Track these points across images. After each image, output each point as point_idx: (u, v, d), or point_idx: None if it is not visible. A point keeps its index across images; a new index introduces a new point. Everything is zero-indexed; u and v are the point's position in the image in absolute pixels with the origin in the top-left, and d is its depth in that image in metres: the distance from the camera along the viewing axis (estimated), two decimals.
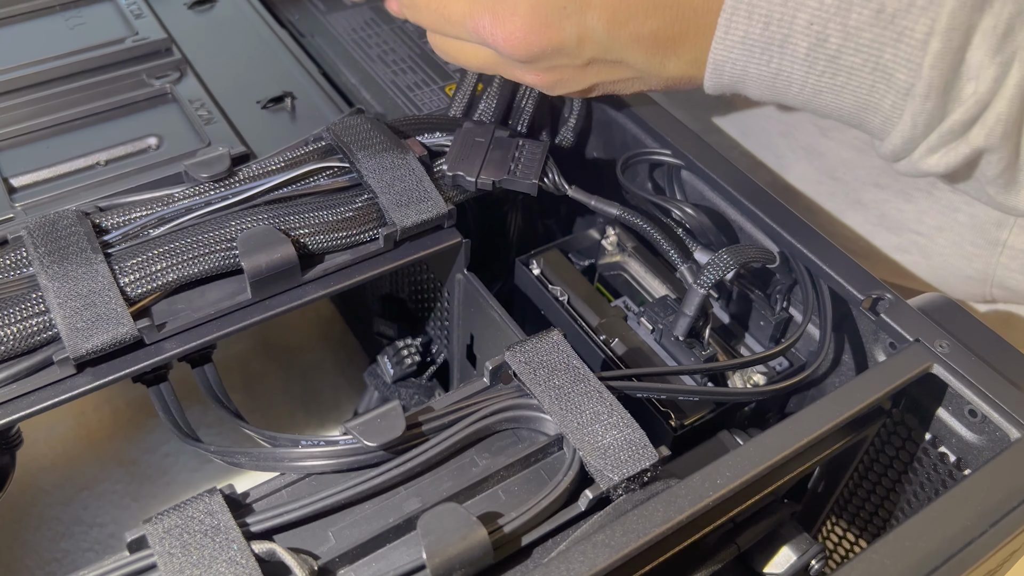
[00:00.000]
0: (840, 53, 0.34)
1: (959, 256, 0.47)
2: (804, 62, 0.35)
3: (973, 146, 0.34)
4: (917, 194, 0.47)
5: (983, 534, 0.31)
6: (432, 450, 0.32)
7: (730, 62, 0.36)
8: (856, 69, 0.34)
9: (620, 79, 0.41)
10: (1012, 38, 0.32)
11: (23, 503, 0.57)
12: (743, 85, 0.38)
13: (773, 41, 0.35)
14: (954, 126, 0.34)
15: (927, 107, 0.33)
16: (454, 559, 0.28)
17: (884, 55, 0.33)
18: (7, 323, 0.34)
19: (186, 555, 0.29)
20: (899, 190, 0.48)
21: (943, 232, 0.47)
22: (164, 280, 0.37)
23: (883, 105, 0.35)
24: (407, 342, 0.52)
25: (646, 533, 0.30)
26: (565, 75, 0.40)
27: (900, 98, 0.34)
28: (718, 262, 0.39)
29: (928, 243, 0.48)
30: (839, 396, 0.35)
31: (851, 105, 0.36)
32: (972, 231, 0.46)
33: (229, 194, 0.40)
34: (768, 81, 0.36)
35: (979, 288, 0.48)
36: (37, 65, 0.48)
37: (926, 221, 0.48)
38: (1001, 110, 0.33)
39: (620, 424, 0.33)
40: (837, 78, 0.35)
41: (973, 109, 0.33)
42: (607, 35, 0.37)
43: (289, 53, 0.52)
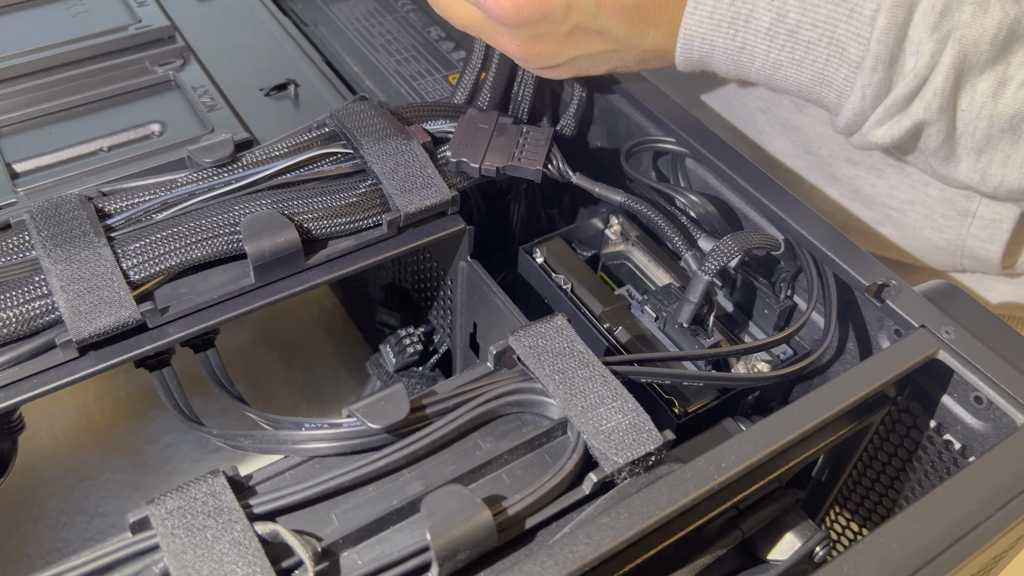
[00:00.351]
0: (798, 28, 0.37)
1: (930, 228, 0.50)
2: (766, 36, 0.38)
3: (914, 119, 0.36)
4: (888, 169, 0.49)
5: (989, 518, 0.30)
6: (436, 433, 0.32)
7: (699, 37, 0.39)
8: (813, 43, 0.37)
9: (598, 51, 0.42)
10: (948, 17, 0.34)
11: (24, 492, 0.57)
12: (711, 59, 0.40)
13: (739, 16, 0.37)
14: (897, 99, 0.36)
15: (874, 79, 0.36)
16: (458, 540, 0.28)
17: (838, 30, 0.36)
18: (9, 306, 0.34)
19: (189, 536, 0.28)
20: (871, 166, 0.50)
21: (914, 205, 0.50)
22: (167, 264, 0.36)
23: (836, 79, 0.37)
24: (409, 331, 0.52)
25: (651, 516, 0.30)
26: (546, 45, 0.41)
27: (851, 71, 0.37)
28: (722, 248, 0.39)
29: (900, 216, 0.51)
30: (844, 382, 0.34)
31: (808, 79, 0.38)
32: (943, 203, 0.48)
33: (232, 179, 0.39)
34: (734, 55, 0.39)
35: (950, 259, 0.50)
36: (40, 52, 0.48)
37: (897, 195, 0.50)
38: (938, 85, 0.35)
39: (624, 408, 0.33)
40: (796, 52, 0.38)
41: (913, 83, 0.36)
42: (594, 3, 0.39)
43: (292, 41, 0.52)
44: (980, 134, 0.36)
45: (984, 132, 0.36)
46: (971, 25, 0.34)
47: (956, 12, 0.34)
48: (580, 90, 0.50)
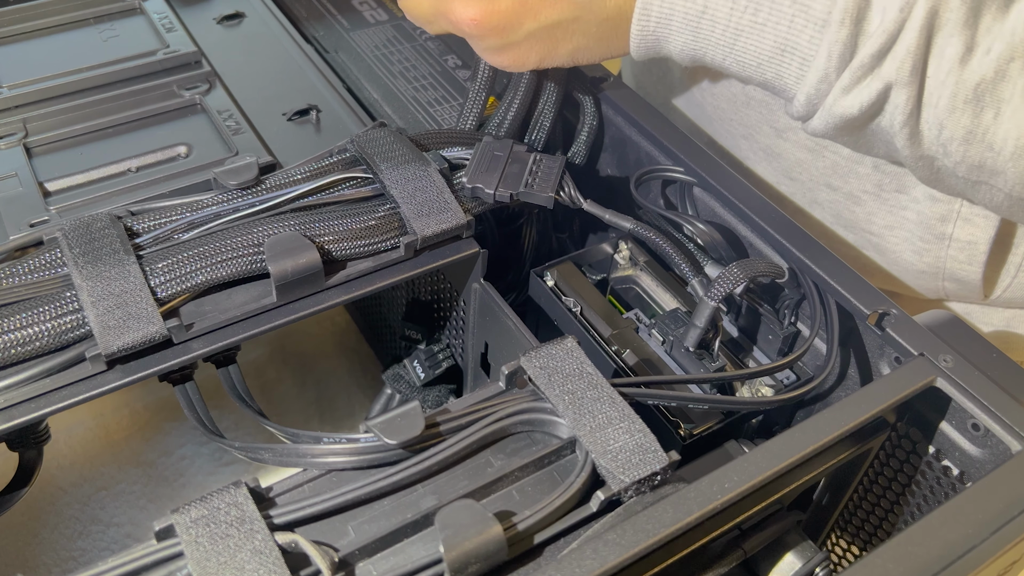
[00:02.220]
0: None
1: (910, 252, 0.49)
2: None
3: (884, 79, 0.35)
4: (865, 196, 0.49)
5: (984, 541, 0.31)
6: (449, 450, 0.33)
7: (656, 3, 0.38)
8: (777, 2, 0.36)
9: (556, 21, 0.41)
10: None
11: (42, 501, 0.58)
12: (668, 28, 0.39)
13: None
14: (864, 60, 0.35)
15: (842, 35, 0.35)
16: (470, 553, 0.29)
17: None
18: (42, 320, 0.36)
19: (212, 544, 0.30)
20: (848, 192, 0.50)
21: (893, 230, 0.49)
22: (193, 282, 0.38)
23: (800, 41, 0.36)
24: (440, 346, 0.53)
25: (656, 533, 0.31)
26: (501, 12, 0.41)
27: (817, 30, 0.35)
28: (728, 275, 0.41)
29: (880, 241, 0.50)
30: (844, 407, 0.36)
31: (770, 45, 0.37)
32: (920, 227, 0.48)
33: (256, 201, 0.41)
34: (693, 21, 0.38)
35: (932, 282, 0.50)
36: (72, 75, 0.50)
37: (876, 221, 0.50)
38: (910, 42, 0.34)
39: (632, 429, 0.34)
40: (759, 14, 0.36)
41: (881, 39, 0.34)
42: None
43: (314, 68, 0.54)
44: (944, 104, 0.35)
45: (948, 102, 0.35)
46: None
47: None
48: (591, 119, 0.52)
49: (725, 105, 0.54)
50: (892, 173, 0.48)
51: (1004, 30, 0.33)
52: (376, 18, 0.61)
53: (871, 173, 0.49)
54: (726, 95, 0.53)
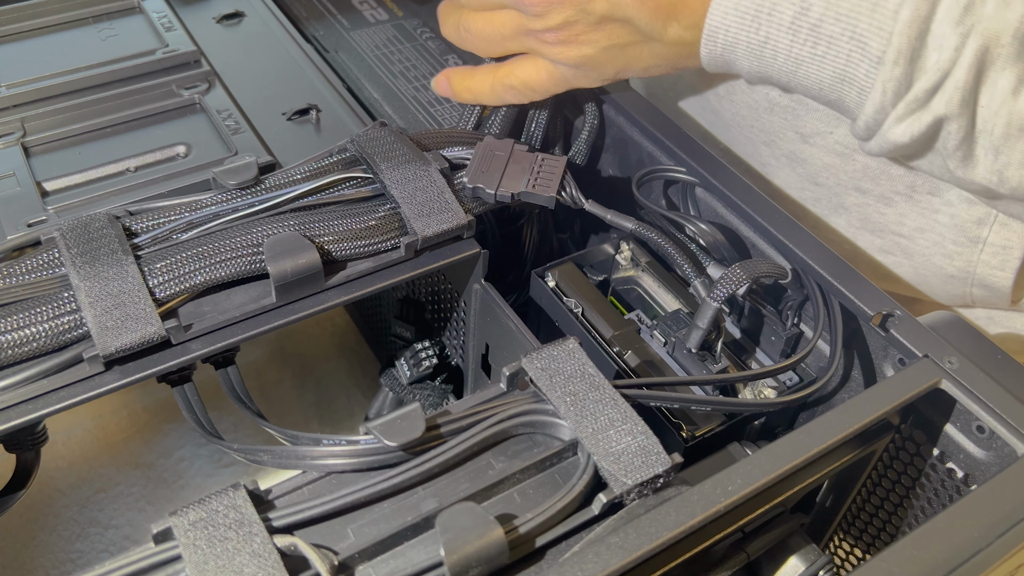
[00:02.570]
0: (821, 22, 0.37)
1: (941, 255, 0.49)
2: (789, 30, 0.38)
3: (935, 114, 0.36)
4: (897, 198, 0.49)
5: (989, 545, 0.31)
6: (450, 452, 0.33)
7: (723, 29, 0.40)
8: (835, 38, 0.37)
9: (629, 43, 0.43)
10: (972, 11, 0.34)
11: (40, 503, 0.58)
12: (734, 54, 0.40)
13: (762, 9, 0.38)
14: (918, 94, 0.36)
15: (896, 74, 0.36)
16: (471, 556, 0.29)
17: (860, 23, 0.36)
18: (39, 320, 0.36)
19: (211, 547, 0.29)
20: (879, 195, 0.50)
21: (924, 233, 0.49)
22: (192, 282, 0.38)
23: (858, 75, 0.38)
24: (424, 344, 0.53)
25: (658, 536, 0.30)
26: (579, 32, 0.43)
27: (872, 66, 0.37)
28: (731, 276, 0.40)
29: (910, 244, 0.50)
30: (848, 409, 0.35)
31: (830, 76, 0.39)
32: (953, 230, 0.48)
33: (256, 201, 0.41)
34: (756, 49, 0.39)
35: (960, 287, 0.50)
36: (70, 74, 0.50)
37: (907, 223, 0.50)
38: (959, 78, 0.35)
39: (634, 431, 0.34)
40: (818, 47, 0.38)
41: (935, 77, 0.36)
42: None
43: (314, 67, 0.54)
44: (999, 132, 0.36)
45: (1003, 130, 0.36)
46: (994, 18, 0.34)
47: (980, 6, 0.34)
48: (593, 119, 0.52)
49: (745, 111, 0.54)
50: (927, 175, 0.48)
51: None
52: (376, 17, 0.61)
53: (904, 174, 0.48)
54: (747, 102, 0.53)
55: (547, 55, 0.45)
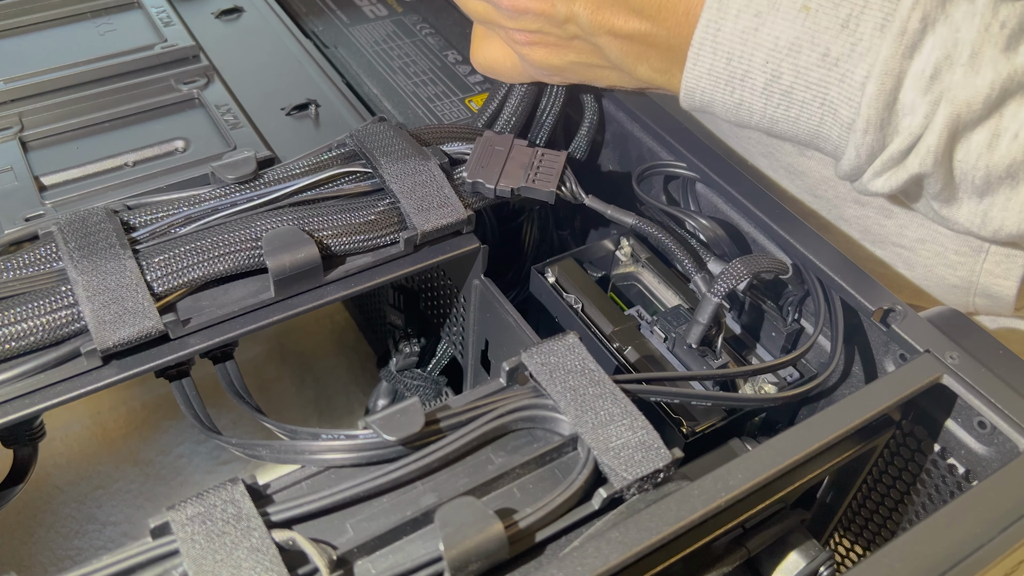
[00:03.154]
0: (792, 89, 0.38)
1: (943, 266, 0.49)
2: (762, 95, 0.39)
3: (910, 172, 0.37)
4: (897, 209, 0.49)
5: (991, 540, 0.31)
6: (449, 446, 0.33)
7: (699, 90, 0.40)
8: (807, 103, 0.38)
9: (597, 65, 0.44)
10: (939, 80, 0.35)
11: (38, 500, 0.57)
12: (711, 108, 0.41)
13: (735, 75, 0.39)
14: (893, 154, 0.37)
15: (867, 140, 0.37)
16: (471, 551, 0.29)
17: (830, 93, 0.37)
18: (37, 314, 0.35)
19: (208, 541, 0.29)
20: (879, 207, 0.50)
21: (925, 243, 0.49)
22: (190, 277, 0.37)
23: (831, 136, 0.38)
24: (408, 332, 0.53)
25: (659, 531, 0.30)
26: (548, 42, 0.43)
27: (844, 131, 0.37)
28: (732, 271, 0.40)
29: (911, 255, 0.50)
30: (849, 404, 0.35)
31: (805, 134, 0.39)
32: (955, 240, 0.48)
33: (254, 195, 0.40)
34: (732, 109, 0.40)
35: (963, 297, 0.50)
36: (68, 69, 0.50)
37: (907, 234, 0.50)
38: (931, 142, 0.36)
39: (634, 426, 0.33)
40: (791, 110, 0.38)
41: (907, 140, 0.36)
42: (589, 22, 0.41)
43: (313, 62, 0.54)
44: (979, 181, 0.37)
45: (983, 179, 0.36)
46: (963, 86, 0.34)
47: (947, 74, 0.34)
48: (593, 114, 0.51)
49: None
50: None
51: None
52: (376, 13, 0.61)
53: None
54: None
55: (518, 50, 0.45)
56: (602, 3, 0.40)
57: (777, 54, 0.37)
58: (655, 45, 0.40)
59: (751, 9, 0.37)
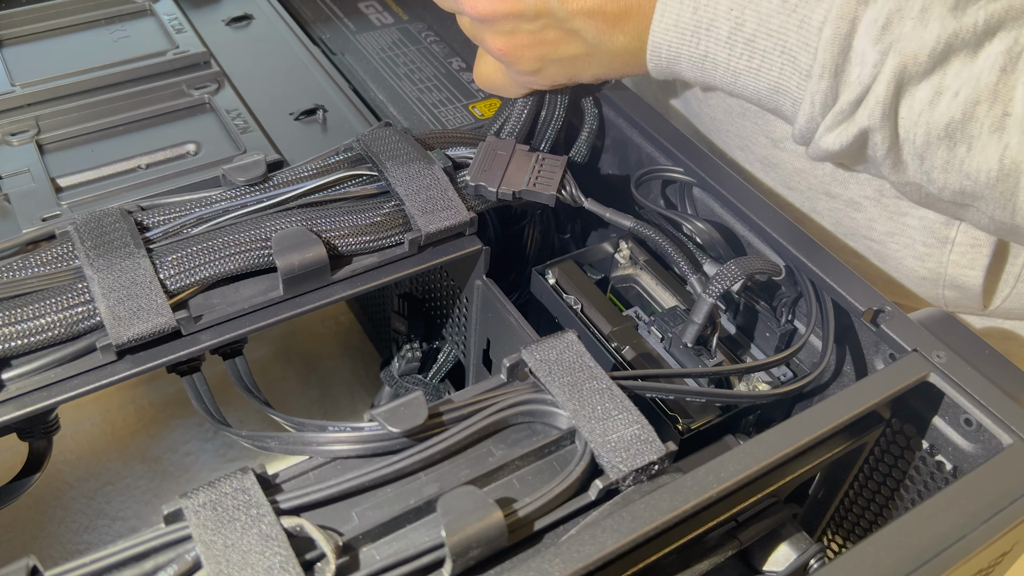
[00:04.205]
0: (755, 37, 0.39)
1: (912, 258, 0.51)
2: (726, 44, 0.40)
3: (859, 125, 0.38)
4: (865, 203, 0.51)
5: (973, 531, 0.32)
6: (451, 439, 0.34)
7: (665, 44, 0.41)
8: (768, 52, 0.39)
9: (572, 55, 0.45)
10: (890, 30, 0.36)
11: (49, 496, 0.59)
12: (677, 65, 0.42)
13: (700, 25, 0.40)
14: (843, 106, 0.38)
15: (822, 87, 0.38)
16: (472, 538, 0.30)
17: (789, 39, 0.38)
18: (54, 311, 0.37)
19: (220, 527, 0.30)
20: (848, 199, 0.51)
21: (894, 237, 0.51)
22: (202, 275, 0.39)
23: (790, 87, 0.39)
24: (413, 338, 0.54)
25: (652, 521, 0.31)
26: (523, 42, 0.45)
27: (802, 79, 0.39)
28: (726, 273, 0.41)
29: (881, 248, 0.52)
30: (839, 400, 0.36)
31: (766, 87, 0.40)
32: (922, 232, 0.49)
33: (264, 197, 0.42)
34: (698, 62, 0.41)
35: (933, 289, 0.51)
36: (84, 74, 0.51)
37: (876, 228, 0.51)
38: (879, 93, 0.37)
39: (630, 420, 0.35)
40: (752, 60, 0.40)
41: (857, 90, 0.37)
42: (562, 8, 0.42)
43: (321, 69, 0.55)
44: (920, 140, 0.38)
45: (923, 139, 0.37)
46: (911, 38, 0.36)
47: (897, 26, 0.36)
48: (593, 120, 0.53)
49: (721, 116, 0.55)
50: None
51: (971, 75, 0.36)
52: (382, 21, 0.62)
53: (871, 179, 0.49)
54: (721, 106, 0.55)
55: (494, 55, 0.47)
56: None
57: (741, 1, 0.38)
58: (627, 11, 0.41)
59: None
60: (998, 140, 0.36)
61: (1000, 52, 0.35)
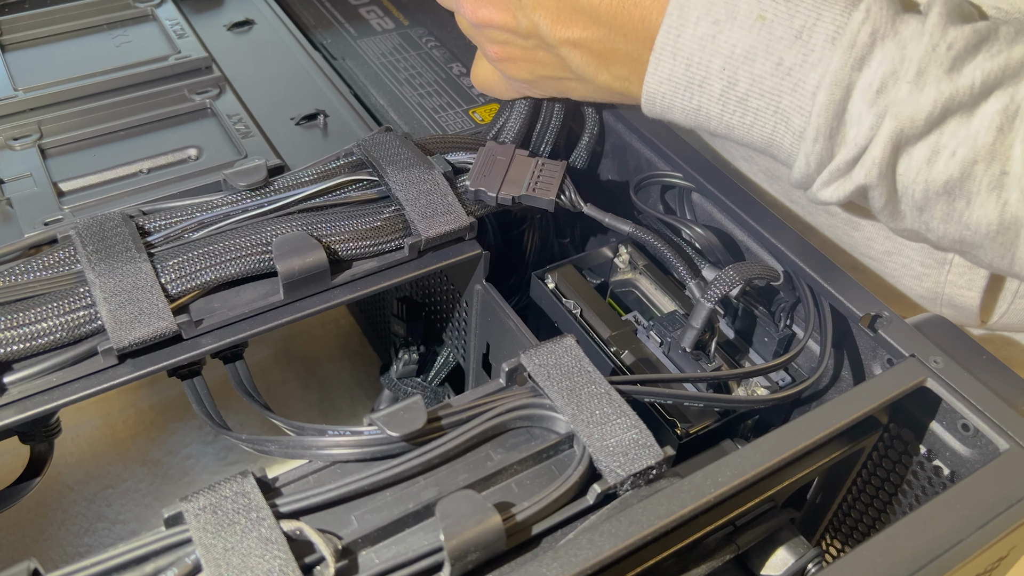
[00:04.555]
0: (748, 96, 0.39)
1: (910, 277, 0.50)
2: (719, 101, 0.40)
3: (856, 183, 0.38)
4: (863, 222, 0.50)
5: (970, 536, 0.32)
6: (450, 443, 0.34)
7: (659, 95, 0.41)
8: (761, 111, 0.39)
9: (563, 77, 0.45)
10: (885, 94, 0.36)
11: (49, 498, 0.59)
12: (672, 114, 0.42)
13: (693, 81, 0.40)
14: (840, 165, 0.38)
15: (816, 149, 0.38)
16: (470, 542, 0.30)
17: (783, 101, 0.38)
18: (56, 314, 0.37)
19: (220, 531, 0.31)
20: (846, 218, 0.51)
21: (892, 256, 0.51)
22: (203, 280, 0.39)
23: (784, 144, 0.39)
24: (411, 341, 0.55)
25: (650, 525, 0.32)
26: (516, 54, 0.45)
27: (796, 140, 0.39)
28: (725, 278, 0.42)
29: (879, 266, 0.52)
30: (836, 405, 0.36)
31: (760, 141, 0.40)
32: (920, 252, 0.49)
33: (265, 202, 0.42)
34: (691, 114, 0.41)
35: (930, 307, 0.51)
36: (86, 79, 0.52)
37: (874, 247, 0.51)
38: (876, 154, 0.37)
39: (628, 425, 0.35)
40: (746, 117, 0.40)
41: (853, 151, 0.37)
42: (550, 34, 0.42)
43: (322, 74, 0.55)
44: (919, 195, 0.38)
45: (922, 194, 0.38)
46: (907, 102, 0.35)
47: (893, 90, 0.36)
48: (593, 126, 0.53)
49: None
50: None
51: (968, 135, 0.36)
52: (383, 26, 0.62)
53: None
54: None
55: (488, 58, 0.47)
56: (560, 14, 0.42)
57: (734, 61, 0.38)
58: (614, 52, 0.42)
59: (710, 17, 0.38)
60: (997, 197, 0.36)
61: (996, 112, 0.35)
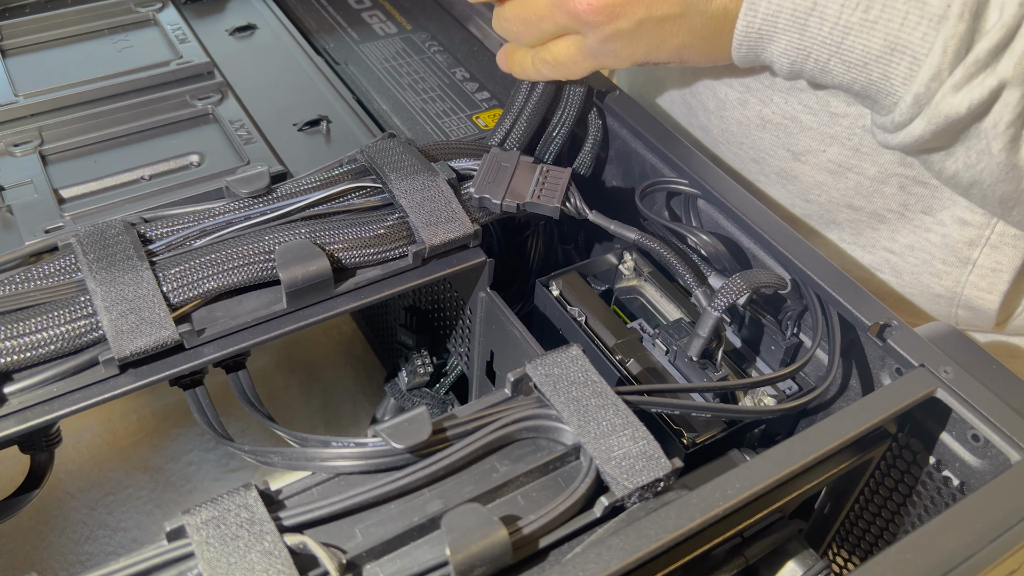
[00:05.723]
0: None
1: (929, 274, 0.49)
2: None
3: (1000, 76, 0.34)
4: (890, 215, 0.49)
5: (982, 550, 0.32)
6: (455, 455, 0.34)
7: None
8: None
9: (666, 15, 0.42)
10: None
11: (50, 506, 0.59)
12: (774, 26, 0.38)
13: None
14: (980, 55, 0.34)
15: (959, 30, 0.34)
16: (476, 556, 0.30)
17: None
18: (57, 324, 0.37)
19: (222, 545, 0.30)
20: (872, 211, 0.50)
21: (914, 251, 0.49)
22: (205, 288, 0.39)
23: (913, 39, 0.35)
24: (423, 353, 0.54)
25: (658, 538, 0.31)
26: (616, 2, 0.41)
27: (931, 27, 0.34)
28: (732, 286, 0.41)
29: (899, 261, 0.50)
30: (845, 416, 0.36)
31: (879, 45, 0.36)
32: (943, 250, 0.48)
33: (268, 209, 0.42)
34: (801, 18, 0.37)
35: (946, 307, 0.50)
36: (87, 85, 0.51)
37: (898, 240, 0.49)
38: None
39: (636, 436, 0.34)
40: (871, 11, 0.36)
41: (1000, 34, 0.33)
42: None
43: (324, 79, 0.55)
44: None
45: None
46: None
47: None
48: (597, 132, 0.53)
49: (735, 128, 0.54)
50: (919, 195, 0.48)
51: None
52: (385, 31, 0.62)
53: (897, 193, 0.49)
54: (737, 118, 0.54)
55: (580, 27, 0.44)
56: None
57: None
58: None
59: None
60: None
61: None
